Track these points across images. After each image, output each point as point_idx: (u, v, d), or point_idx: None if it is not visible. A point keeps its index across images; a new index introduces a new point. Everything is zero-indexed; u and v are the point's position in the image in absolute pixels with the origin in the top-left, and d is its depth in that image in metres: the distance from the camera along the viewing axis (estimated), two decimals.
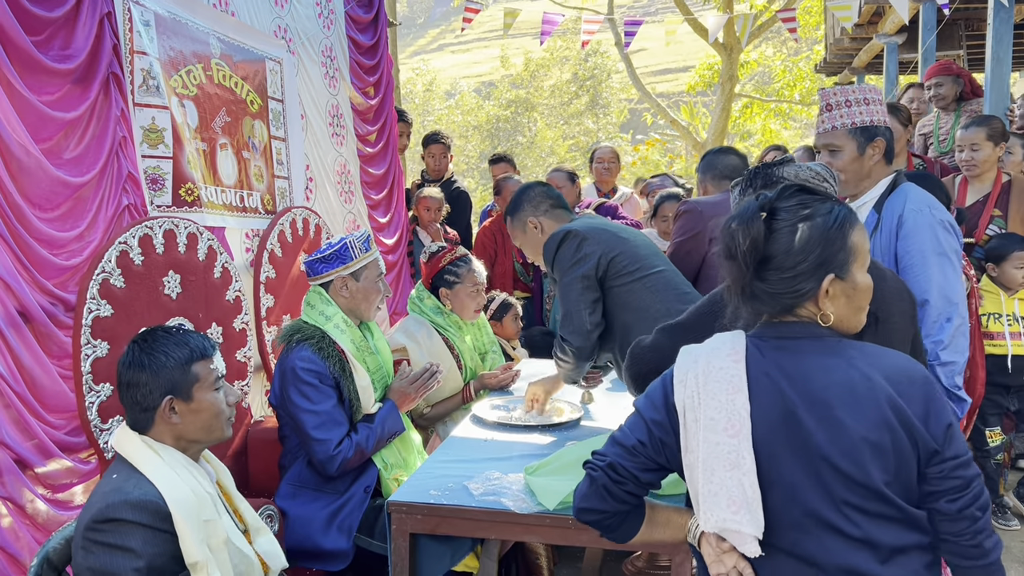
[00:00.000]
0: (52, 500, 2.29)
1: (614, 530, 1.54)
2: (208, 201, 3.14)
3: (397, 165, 5.14)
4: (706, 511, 1.42)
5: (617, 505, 1.50)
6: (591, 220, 2.79)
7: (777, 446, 1.39)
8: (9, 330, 2.16)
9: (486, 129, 25.80)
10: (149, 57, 2.83)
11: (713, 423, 1.40)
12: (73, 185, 2.41)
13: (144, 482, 1.72)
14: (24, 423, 2.20)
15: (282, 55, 3.84)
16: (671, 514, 1.58)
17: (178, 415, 1.81)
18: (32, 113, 2.28)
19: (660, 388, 1.52)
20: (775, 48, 24.64)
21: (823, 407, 1.38)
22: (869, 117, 2.37)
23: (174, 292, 2.71)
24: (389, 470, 2.68)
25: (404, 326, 3.31)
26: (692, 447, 1.44)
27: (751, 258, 1.43)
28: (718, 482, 1.40)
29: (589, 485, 1.50)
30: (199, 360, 1.85)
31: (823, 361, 1.42)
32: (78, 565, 1.67)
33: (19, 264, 2.21)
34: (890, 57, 8.58)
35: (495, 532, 2.15)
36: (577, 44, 25.48)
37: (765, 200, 1.46)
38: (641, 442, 1.49)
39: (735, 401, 1.40)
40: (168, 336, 1.86)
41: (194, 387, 1.83)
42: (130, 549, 1.63)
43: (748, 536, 1.39)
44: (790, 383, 1.40)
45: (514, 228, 2.90)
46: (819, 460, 1.37)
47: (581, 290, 2.60)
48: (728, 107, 16.43)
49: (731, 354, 1.45)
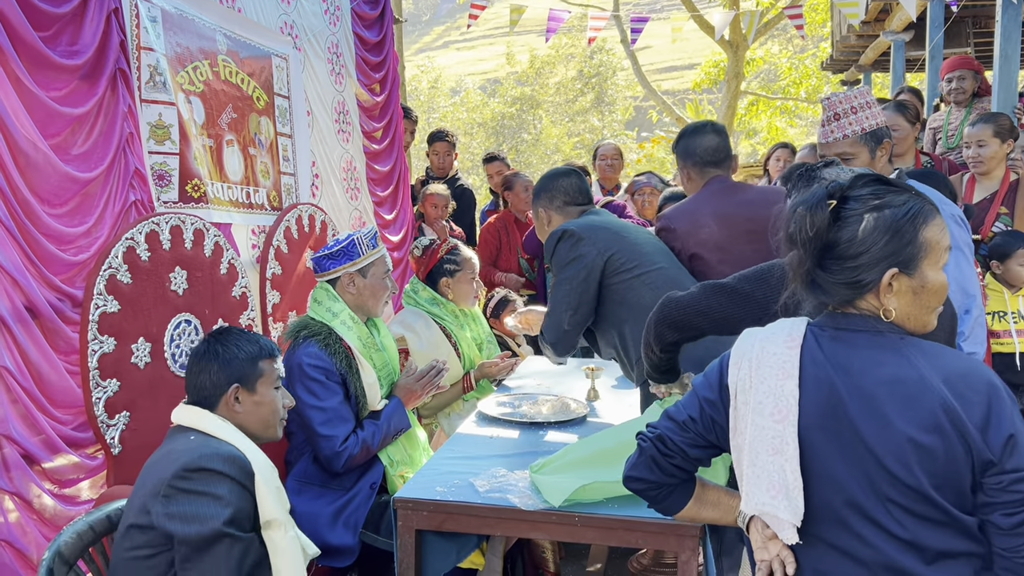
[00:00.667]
0: (59, 495, 2.30)
1: (660, 502, 1.58)
2: (214, 197, 3.15)
3: (403, 162, 5.14)
4: (747, 493, 1.44)
5: (664, 477, 1.54)
6: (591, 218, 2.78)
7: (823, 436, 1.39)
8: (17, 325, 2.17)
9: (491, 126, 25.77)
10: (156, 53, 2.83)
11: (761, 407, 1.41)
12: (81, 181, 2.41)
13: (225, 443, 1.83)
14: (31, 418, 2.21)
15: (288, 51, 3.84)
16: (721, 495, 1.60)
17: (241, 404, 1.93)
18: (40, 109, 2.29)
19: (716, 368, 1.54)
20: (781, 45, 24.59)
21: (872, 403, 1.36)
22: (874, 120, 2.38)
23: (180, 288, 2.72)
24: (395, 467, 2.68)
25: (401, 318, 3.33)
26: (740, 429, 1.46)
27: (813, 245, 1.40)
28: (761, 466, 1.41)
29: (639, 455, 1.55)
30: (267, 358, 1.99)
31: (879, 356, 1.39)
32: (157, 514, 1.71)
33: (27, 259, 2.21)
34: (897, 55, 8.56)
35: (501, 529, 2.15)
36: (582, 41, 25.45)
37: (835, 187, 1.43)
38: (692, 418, 1.52)
39: (784, 387, 1.40)
40: (241, 333, 2.00)
41: (259, 381, 1.96)
42: (220, 496, 1.71)
43: (785, 522, 1.39)
44: (842, 375, 1.39)
45: (535, 207, 2.96)
46: (865, 455, 1.35)
47: (567, 291, 2.63)
48: (734, 104, 16.40)
49: (787, 340, 1.45)
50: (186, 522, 1.69)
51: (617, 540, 2.08)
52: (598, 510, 2.02)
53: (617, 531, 2.01)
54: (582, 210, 2.86)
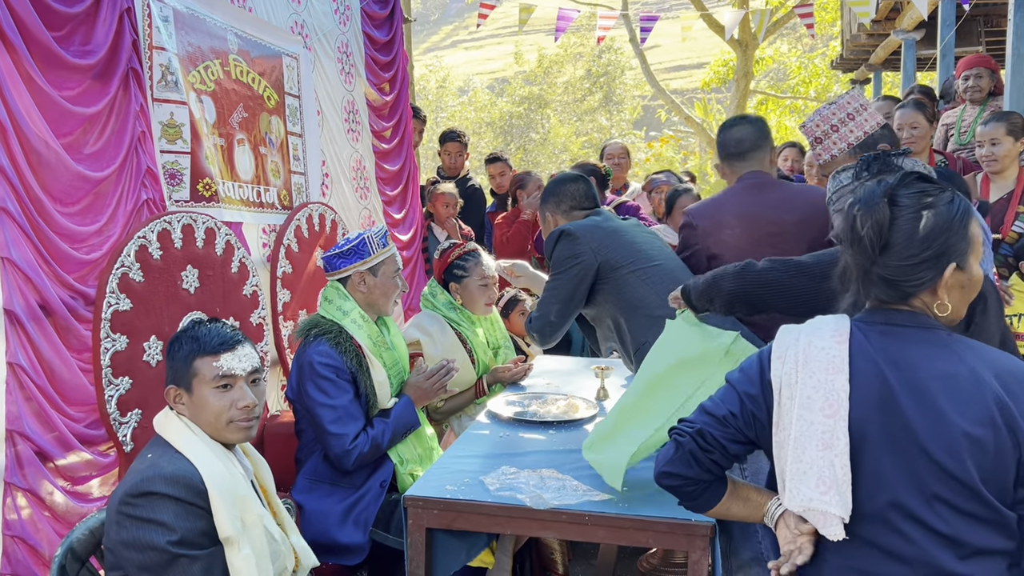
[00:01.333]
0: (71, 492, 2.31)
1: (695, 498, 1.55)
2: (226, 196, 3.16)
3: (412, 161, 5.15)
4: (792, 489, 1.43)
5: (701, 473, 1.51)
6: (592, 219, 2.86)
7: (872, 431, 1.38)
8: (31, 323, 2.18)
9: (499, 126, 25.78)
10: (168, 53, 2.84)
11: (810, 402, 1.40)
12: (93, 180, 2.43)
13: (179, 458, 1.75)
14: (45, 416, 2.22)
15: (299, 51, 3.85)
16: (751, 492, 1.58)
17: (185, 406, 1.85)
18: (53, 108, 2.30)
19: (756, 363, 1.53)
20: (791, 44, 24.51)
21: (925, 396, 1.37)
22: (860, 131, 2.36)
23: (192, 286, 2.73)
24: (405, 465, 2.69)
25: (417, 321, 3.32)
26: (784, 424, 1.44)
27: (875, 244, 1.42)
28: (808, 461, 1.40)
29: (675, 450, 1.51)
30: (206, 354, 1.83)
31: (930, 351, 1.41)
32: (111, 540, 1.69)
33: (40, 258, 2.23)
34: (908, 54, 8.52)
35: (511, 527, 2.15)
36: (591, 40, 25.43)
37: (887, 186, 1.45)
38: (732, 413, 1.50)
39: (835, 382, 1.40)
40: (201, 325, 1.89)
41: (194, 381, 1.84)
42: (162, 523, 1.65)
43: (834, 517, 1.39)
44: (893, 369, 1.40)
45: (543, 210, 3.03)
46: (915, 450, 1.36)
47: (559, 286, 2.74)
48: (743, 104, 16.35)
49: (834, 335, 1.45)
50: (138, 550, 1.65)
51: (627, 540, 2.08)
52: (608, 509, 2.02)
53: (627, 530, 2.01)
54: (587, 214, 2.91)
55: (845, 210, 1.49)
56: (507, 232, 5.04)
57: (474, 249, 3.37)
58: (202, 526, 1.70)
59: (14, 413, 2.16)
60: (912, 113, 3.93)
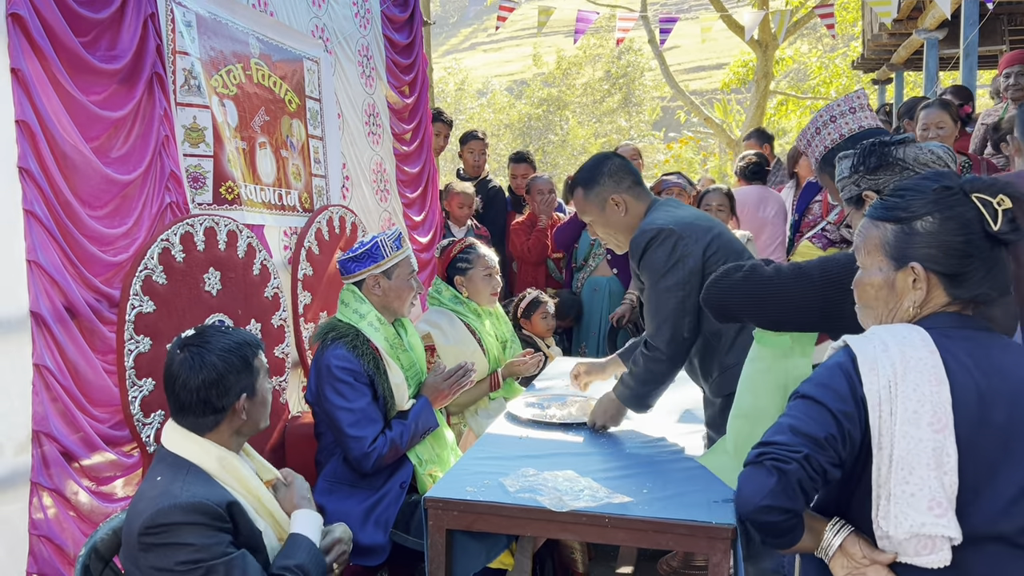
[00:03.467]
0: (96, 492, 2.34)
1: (788, 533, 1.37)
2: (248, 199, 3.19)
3: (432, 164, 5.16)
4: (899, 515, 1.30)
5: (803, 504, 1.34)
6: (678, 211, 2.55)
7: (969, 444, 1.30)
8: (56, 325, 2.21)
9: (518, 128, 25.79)
10: (191, 57, 2.87)
11: (916, 417, 1.30)
12: (120, 183, 2.46)
13: (192, 482, 1.74)
14: (70, 416, 2.25)
15: (319, 55, 3.87)
16: (813, 520, 1.43)
17: (246, 411, 1.87)
18: (81, 112, 2.33)
19: (842, 377, 1.37)
20: (811, 45, 24.35)
21: (1020, 404, 1.32)
22: (823, 146, 2.35)
23: (214, 289, 2.75)
24: (424, 466, 2.70)
25: (426, 317, 3.37)
26: (884, 443, 1.32)
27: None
28: (917, 482, 1.29)
29: (778, 480, 1.31)
30: (257, 354, 1.92)
31: (1010, 357, 1.37)
32: (138, 566, 1.69)
33: (66, 260, 2.26)
34: (930, 53, 8.43)
35: (531, 529, 2.15)
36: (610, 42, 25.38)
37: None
38: (832, 435, 1.33)
39: (940, 394, 1.30)
40: (224, 334, 1.88)
41: (257, 381, 1.90)
42: (188, 544, 1.66)
43: (944, 541, 1.29)
44: (985, 378, 1.33)
45: (588, 203, 2.60)
46: (1010, 461, 1.30)
47: (682, 297, 2.40)
48: (763, 104, 16.26)
49: (925, 345, 1.35)
50: (169, 571, 1.66)
51: (647, 542, 2.07)
52: (628, 511, 2.02)
53: (647, 533, 2.00)
54: (646, 194, 2.62)
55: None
56: (527, 242, 5.04)
57: (473, 243, 3.43)
58: (227, 539, 1.72)
59: (40, 414, 2.19)
60: (938, 112, 3.90)
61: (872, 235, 1.47)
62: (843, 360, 1.39)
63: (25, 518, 2.16)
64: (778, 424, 1.38)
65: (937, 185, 1.42)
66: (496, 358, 3.40)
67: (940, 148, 1.85)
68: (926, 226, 1.40)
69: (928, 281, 1.41)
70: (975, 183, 1.41)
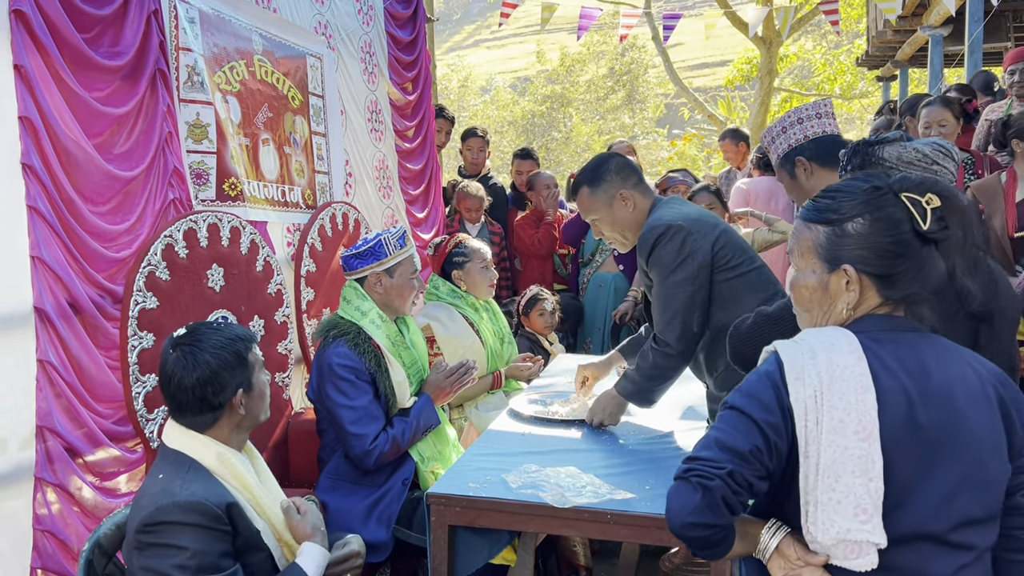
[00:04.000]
0: (100, 488, 2.35)
1: (717, 546, 1.37)
2: (251, 196, 3.19)
3: (434, 160, 5.16)
4: (826, 521, 1.31)
5: (729, 518, 1.34)
6: (684, 208, 2.58)
7: (897, 448, 1.31)
8: (60, 321, 2.21)
9: (521, 125, 25.78)
10: (194, 54, 2.88)
11: (842, 426, 1.30)
12: (123, 179, 2.46)
13: (192, 480, 1.74)
14: (74, 412, 2.26)
15: (322, 51, 3.88)
16: (748, 525, 1.43)
17: (243, 407, 1.87)
18: (84, 109, 2.34)
19: (768, 387, 1.37)
20: (815, 41, 24.28)
21: (946, 403, 1.32)
22: (784, 147, 2.40)
23: (217, 285, 2.76)
24: (426, 463, 2.70)
25: (425, 310, 3.41)
26: (811, 452, 1.32)
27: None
28: (843, 489, 1.29)
29: (703, 497, 1.31)
30: (251, 348, 1.91)
31: (937, 355, 1.37)
32: (132, 566, 1.69)
33: (70, 257, 2.26)
34: (935, 50, 8.41)
35: (533, 525, 2.15)
36: (614, 39, 25.37)
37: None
38: (758, 447, 1.33)
39: (865, 401, 1.30)
40: (216, 331, 1.88)
41: (253, 375, 1.89)
42: (183, 547, 1.65)
43: (871, 546, 1.29)
44: (911, 379, 1.33)
45: (595, 201, 2.59)
46: (939, 462, 1.31)
47: (691, 292, 2.42)
48: (767, 101, 16.23)
49: (851, 350, 1.34)
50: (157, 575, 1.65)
51: (650, 538, 2.07)
52: (630, 508, 2.02)
53: (650, 529, 2.00)
54: (649, 191, 2.64)
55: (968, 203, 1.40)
56: (535, 235, 5.05)
57: (465, 238, 3.47)
58: (222, 548, 1.71)
59: (44, 409, 2.20)
60: (939, 110, 3.89)
61: (805, 237, 1.46)
62: (771, 369, 1.39)
63: (29, 513, 2.17)
64: (706, 438, 1.39)
65: (867, 186, 1.42)
66: (494, 351, 3.42)
67: (929, 145, 1.82)
68: (856, 227, 1.40)
69: (860, 283, 1.41)
70: (904, 182, 1.40)
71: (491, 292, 3.48)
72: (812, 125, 2.41)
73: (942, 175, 1.76)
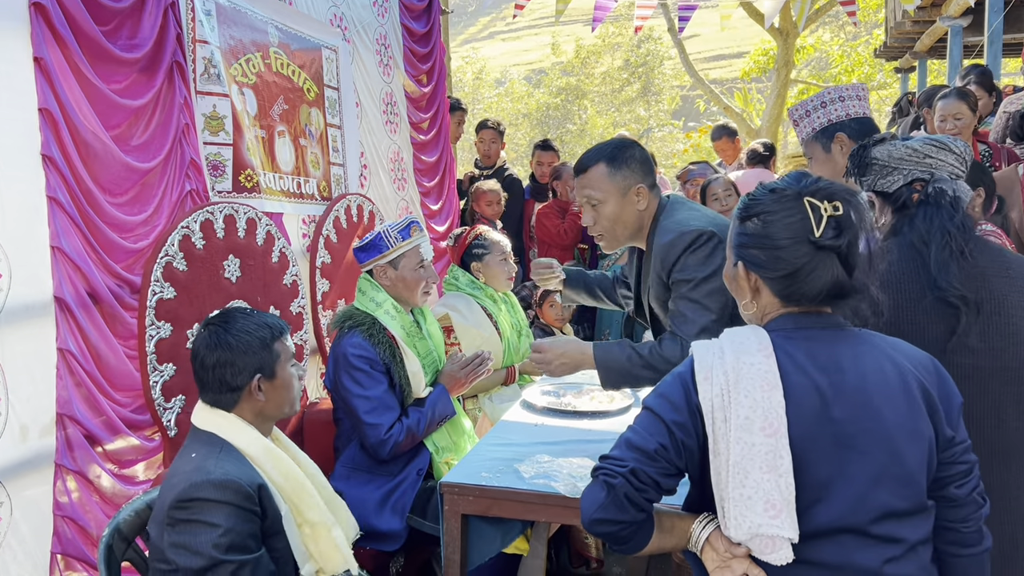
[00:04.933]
0: (118, 475, 2.38)
1: (627, 541, 1.42)
2: (266, 187, 3.21)
3: (449, 153, 5.17)
4: (737, 516, 1.33)
5: (636, 514, 1.38)
6: (704, 211, 2.45)
7: (811, 443, 1.33)
8: (79, 311, 2.24)
9: (536, 117, 25.73)
10: (210, 46, 2.90)
11: (748, 423, 1.32)
12: (140, 171, 2.48)
13: (225, 459, 1.79)
14: (93, 400, 2.29)
15: (338, 43, 3.89)
16: (675, 519, 1.47)
17: (263, 393, 1.90)
18: (102, 101, 2.36)
19: (679, 387, 1.41)
20: (833, 33, 24.08)
21: (860, 398, 1.34)
22: (825, 119, 2.42)
23: (234, 276, 2.78)
24: (440, 453, 2.72)
25: (443, 300, 3.42)
26: (720, 450, 1.35)
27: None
28: (752, 485, 1.32)
29: (607, 494, 1.37)
30: (279, 337, 1.95)
31: (853, 350, 1.38)
32: (163, 542, 1.72)
33: (88, 247, 2.29)
34: (954, 41, 8.32)
35: (546, 515, 2.16)
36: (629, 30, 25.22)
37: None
38: (663, 446, 1.37)
39: (771, 399, 1.32)
40: (246, 316, 1.93)
41: (277, 364, 1.92)
42: (215, 524, 1.69)
43: (784, 541, 1.32)
44: (824, 376, 1.35)
45: (610, 183, 2.38)
46: (855, 456, 1.32)
47: (723, 304, 2.27)
48: (783, 93, 16.11)
49: (761, 349, 1.37)
50: (187, 553, 1.68)
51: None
52: None
53: None
54: (659, 193, 2.49)
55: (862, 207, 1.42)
56: (561, 225, 5.06)
57: (486, 230, 3.48)
58: (251, 528, 1.75)
59: (64, 397, 2.23)
60: (955, 103, 3.86)
61: (730, 228, 1.51)
62: (684, 370, 1.43)
63: (50, 499, 2.21)
64: (620, 437, 1.43)
65: (773, 187, 1.44)
66: (511, 343, 3.43)
67: (921, 140, 1.80)
68: (751, 227, 1.43)
69: (749, 279, 1.45)
70: (813, 186, 1.41)
71: (509, 285, 3.49)
72: (854, 105, 2.42)
73: (939, 167, 1.75)
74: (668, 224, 2.36)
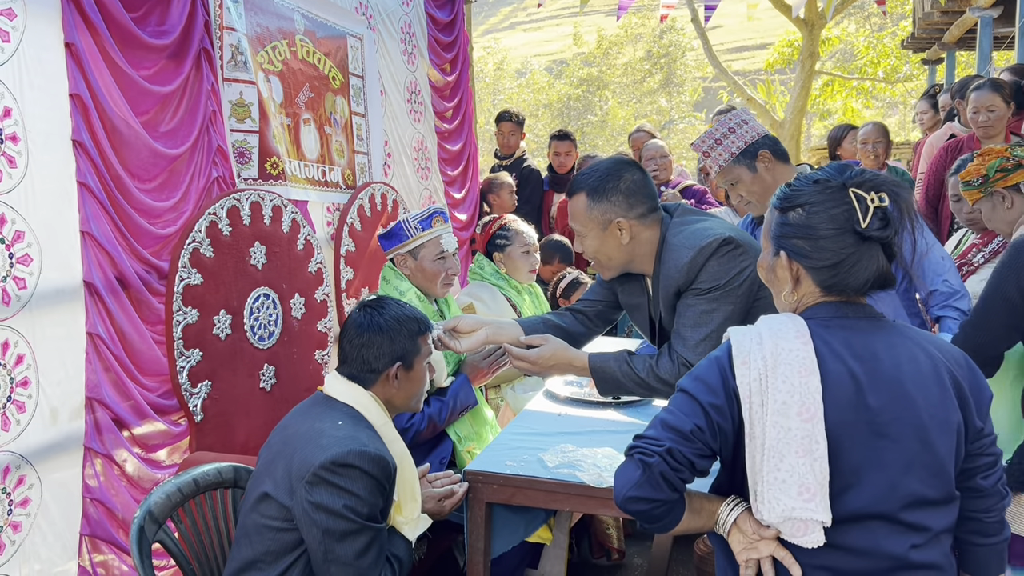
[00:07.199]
0: (144, 459, 2.40)
1: (660, 520, 1.44)
2: (292, 175, 3.22)
3: (472, 142, 5.16)
4: (771, 499, 1.36)
5: (670, 493, 1.40)
6: (714, 220, 2.27)
7: (846, 429, 1.35)
8: (108, 296, 2.26)
9: (556, 108, 25.67)
10: (237, 33, 2.90)
11: (785, 407, 1.34)
12: (169, 157, 2.50)
13: (375, 438, 1.86)
14: (121, 384, 2.31)
15: (363, 31, 3.89)
16: (704, 501, 1.50)
17: (399, 381, 1.96)
18: (132, 87, 2.38)
19: (716, 370, 1.43)
20: (859, 24, 23.80)
21: (895, 387, 1.36)
22: (741, 142, 2.49)
23: (259, 263, 2.79)
24: (463, 443, 2.72)
25: (468, 289, 3.43)
26: (756, 433, 1.37)
27: None
28: (787, 469, 1.34)
29: (643, 472, 1.38)
30: (424, 333, 2.02)
31: (888, 339, 1.40)
32: (299, 498, 1.76)
33: (117, 232, 2.31)
34: (984, 31, 8.19)
35: (569, 504, 2.16)
36: (652, 21, 25.08)
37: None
38: (699, 427, 1.39)
39: (808, 384, 1.34)
40: (398, 305, 2.00)
41: (416, 358, 1.99)
42: (357, 495, 1.75)
43: (816, 524, 1.34)
44: (860, 364, 1.37)
45: (588, 215, 2.22)
46: (888, 443, 1.34)
47: (730, 312, 2.16)
48: (808, 85, 15.94)
49: (799, 335, 1.39)
50: (329, 515, 1.73)
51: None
52: None
53: None
54: (658, 217, 2.26)
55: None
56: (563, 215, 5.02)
57: (512, 219, 3.47)
58: (383, 504, 1.82)
59: (93, 381, 2.25)
60: (989, 95, 3.79)
61: (766, 220, 1.52)
62: (721, 354, 1.45)
63: (79, 482, 2.24)
64: (655, 418, 1.45)
65: (816, 177, 1.45)
66: None
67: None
68: (795, 217, 1.43)
69: (792, 270, 1.45)
70: (861, 178, 1.41)
71: (531, 277, 3.47)
72: (755, 126, 2.53)
73: None
74: (679, 241, 2.19)
